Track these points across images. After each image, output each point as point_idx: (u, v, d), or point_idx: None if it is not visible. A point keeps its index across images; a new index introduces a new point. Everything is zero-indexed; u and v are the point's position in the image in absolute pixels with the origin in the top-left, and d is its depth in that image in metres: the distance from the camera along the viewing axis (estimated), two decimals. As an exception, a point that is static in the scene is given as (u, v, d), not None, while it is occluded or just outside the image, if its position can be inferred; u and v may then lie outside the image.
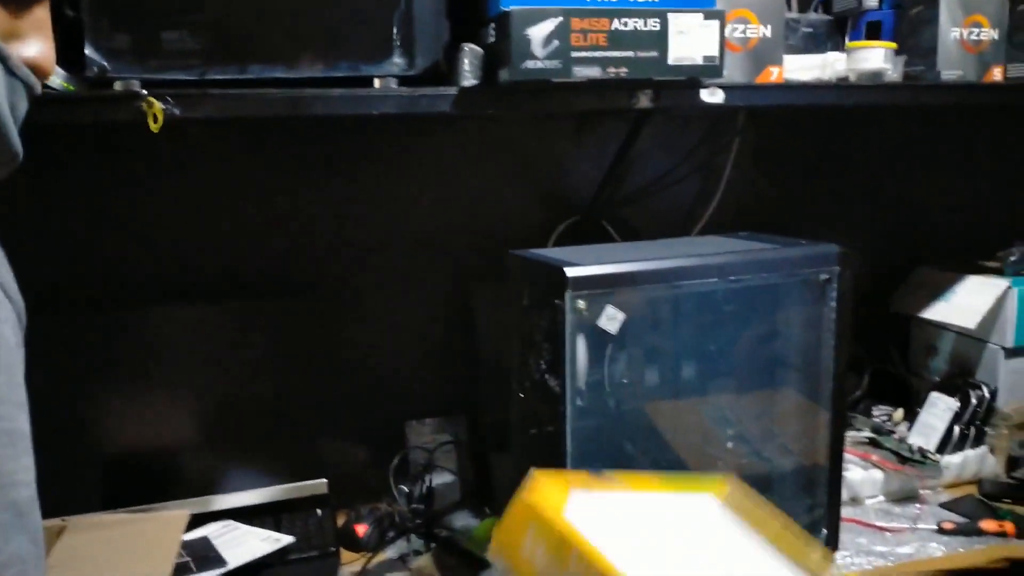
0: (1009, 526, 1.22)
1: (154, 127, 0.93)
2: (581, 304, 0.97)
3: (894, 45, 1.29)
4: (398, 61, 1.03)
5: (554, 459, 1.03)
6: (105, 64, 0.96)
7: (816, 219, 1.58)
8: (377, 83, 1.03)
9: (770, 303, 1.13)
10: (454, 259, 1.45)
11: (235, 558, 1.13)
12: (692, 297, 1.07)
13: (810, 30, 1.43)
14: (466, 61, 1.04)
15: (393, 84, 1.03)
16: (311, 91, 1.01)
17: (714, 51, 1.06)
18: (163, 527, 1.14)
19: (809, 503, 1.19)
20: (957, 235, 1.66)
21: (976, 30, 1.30)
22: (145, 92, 0.93)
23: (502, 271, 1.12)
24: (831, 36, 1.46)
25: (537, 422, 1.08)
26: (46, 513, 0.53)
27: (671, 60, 1.05)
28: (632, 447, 1.12)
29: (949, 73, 1.29)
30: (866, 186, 1.68)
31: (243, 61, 1.00)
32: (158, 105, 0.93)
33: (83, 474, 1.22)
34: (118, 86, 0.96)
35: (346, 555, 1.22)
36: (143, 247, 1.32)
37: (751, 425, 1.18)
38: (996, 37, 1.31)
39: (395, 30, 1.03)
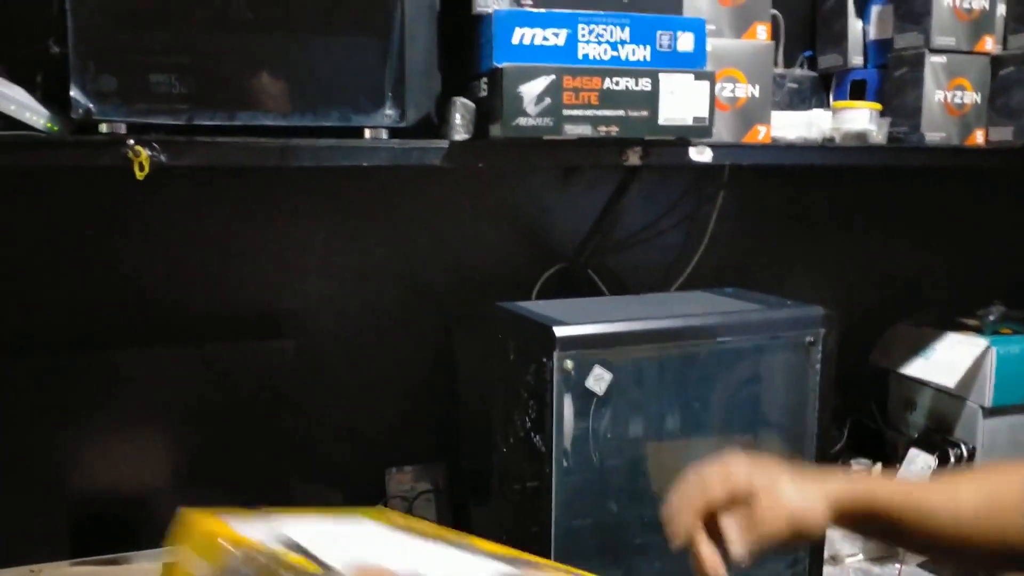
0: (988, 588, 1.22)
1: (139, 175, 0.92)
2: (569, 364, 0.97)
3: (879, 106, 1.31)
4: (389, 112, 1.03)
5: (538, 513, 1.02)
6: (91, 106, 0.95)
7: (797, 272, 1.59)
8: (368, 134, 1.02)
9: (755, 362, 1.13)
10: (437, 304, 1.44)
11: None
12: (679, 356, 1.07)
13: (795, 86, 1.44)
14: (458, 116, 1.04)
15: (384, 135, 1.02)
16: (299, 141, 1.00)
17: (704, 111, 1.07)
18: (134, 579, 1.11)
19: (791, 560, 1.18)
20: (937, 292, 1.67)
21: (960, 93, 1.32)
22: (132, 141, 0.91)
23: (485, 317, 1.11)
24: (815, 92, 1.48)
25: (520, 477, 1.07)
26: (14, 561, 0.51)
27: (662, 120, 1.05)
28: (616, 502, 1.11)
29: (933, 135, 1.31)
30: (847, 240, 1.69)
31: (231, 108, 0.99)
32: (145, 153, 0.92)
33: (51, 521, 1.18)
34: (103, 128, 0.95)
35: (321, 608, 1.19)
36: (113, 288, 1.29)
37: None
38: (979, 101, 1.34)
39: (387, 81, 1.02)
